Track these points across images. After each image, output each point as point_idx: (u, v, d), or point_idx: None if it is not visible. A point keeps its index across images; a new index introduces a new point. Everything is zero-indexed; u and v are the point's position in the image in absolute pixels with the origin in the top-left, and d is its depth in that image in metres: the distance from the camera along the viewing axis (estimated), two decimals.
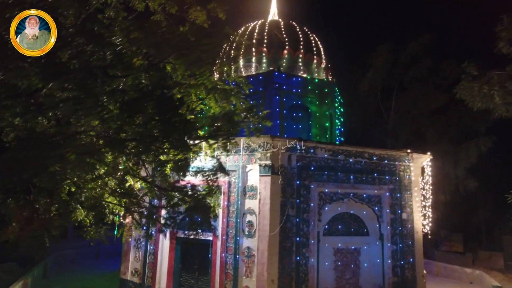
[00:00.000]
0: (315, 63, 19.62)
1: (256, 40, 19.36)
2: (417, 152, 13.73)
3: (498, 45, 9.87)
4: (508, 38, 9.64)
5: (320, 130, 17.89)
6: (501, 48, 9.85)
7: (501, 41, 9.77)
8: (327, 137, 18.04)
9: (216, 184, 12.66)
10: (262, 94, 17.70)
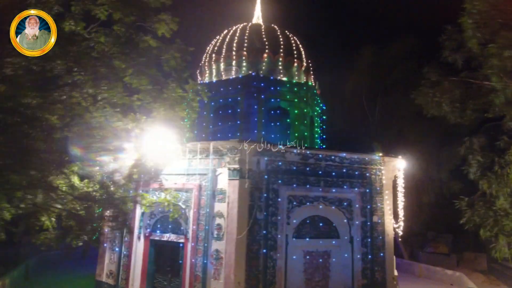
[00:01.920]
0: (295, 66, 19.77)
1: (237, 44, 19.52)
2: (389, 155, 13.86)
3: (444, 54, 10.03)
4: (451, 47, 9.80)
5: (299, 133, 18.03)
6: (447, 57, 10.02)
7: (446, 50, 9.94)
8: (307, 140, 18.19)
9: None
10: (241, 97, 17.85)
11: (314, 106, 20.07)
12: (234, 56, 19.32)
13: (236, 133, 17.43)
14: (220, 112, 18.41)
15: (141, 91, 8.71)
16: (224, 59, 19.62)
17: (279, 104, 18.27)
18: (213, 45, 20.88)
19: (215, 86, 18.63)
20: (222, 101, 18.38)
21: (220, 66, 19.78)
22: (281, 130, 18.05)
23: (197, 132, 18.48)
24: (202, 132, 18.20)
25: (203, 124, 18.30)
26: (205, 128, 18.21)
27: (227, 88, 18.24)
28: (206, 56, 20.92)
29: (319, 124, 20.68)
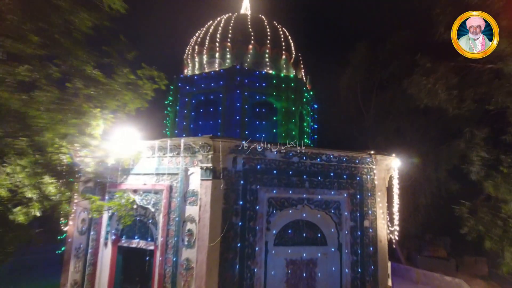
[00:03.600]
0: (283, 59, 18.50)
1: (220, 35, 18.25)
2: (381, 153, 12.57)
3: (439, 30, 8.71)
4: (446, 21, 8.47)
5: (286, 129, 16.77)
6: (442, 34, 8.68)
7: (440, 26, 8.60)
8: (295, 136, 16.94)
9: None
10: (224, 90, 16.57)
11: (305, 102, 18.81)
12: (217, 48, 18.05)
13: (217, 132, 16.17)
14: (201, 109, 17.14)
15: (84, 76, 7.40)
16: (207, 51, 18.36)
17: (265, 99, 17.00)
18: (197, 36, 19.61)
19: (196, 80, 17.38)
20: (203, 97, 17.11)
21: (203, 58, 18.51)
22: (268, 129, 16.79)
23: (178, 131, 17.21)
24: (183, 131, 16.91)
25: (184, 123, 17.01)
26: (185, 127, 16.92)
27: (208, 83, 16.98)
28: (189, 49, 19.64)
29: (309, 121, 19.41)
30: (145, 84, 8.25)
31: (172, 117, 17.99)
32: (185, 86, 17.49)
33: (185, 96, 17.34)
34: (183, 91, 17.51)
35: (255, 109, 16.63)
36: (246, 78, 16.57)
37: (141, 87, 8.10)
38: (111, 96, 7.85)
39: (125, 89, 7.75)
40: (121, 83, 7.61)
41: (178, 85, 17.96)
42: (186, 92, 17.36)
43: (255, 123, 16.62)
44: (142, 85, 8.17)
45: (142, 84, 8.19)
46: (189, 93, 17.27)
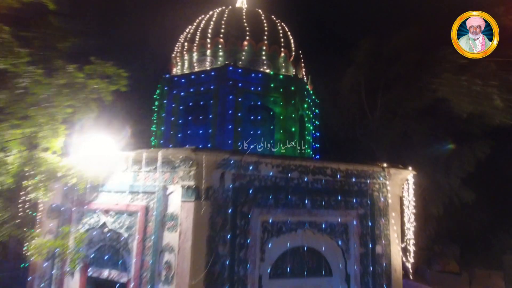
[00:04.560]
0: (282, 57, 16.64)
1: (212, 30, 16.40)
2: (395, 167, 10.75)
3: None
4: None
5: (285, 136, 14.89)
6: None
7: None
8: (295, 145, 15.11)
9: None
10: (215, 93, 14.69)
11: (306, 105, 16.95)
12: (208, 44, 16.18)
13: (207, 139, 14.34)
14: (190, 115, 15.27)
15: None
16: (197, 48, 16.48)
17: (261, 103, 15.10)
18: (187, 32, 17.75)
19: (184, 81, 15.50)
20: (193, 99, 15.20)
21: (192, 56, 16.64)
22: (264, 137, 14.89)
23: (163, 141, 15.34)
24: (169, 141, 15.04)
25: (170, 131, 15.13)
26: (172, 136, 15.04)
27: (198, 84, 15.07)
28: (178, 46, 17.77)
29: (311, 124, 17.57)
30: (99, 85, 6.44)
31: (159, 124, 16.16)
32: (171, 88, 15.64)
33: (172, 100, 15.49)
34: (170, 93, 15.67)
35: (250, 115, 14.79)
36: (240, 79, 14.72)
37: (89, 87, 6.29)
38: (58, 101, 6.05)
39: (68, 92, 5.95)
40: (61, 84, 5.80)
41: (164, 87, 16.11)
42: (173, 95, 15.51)
43: (250, 130, 14.76)
44: (90, 85, 6.37)
45: (94, 85, 6.39)
46: (176, 97, 15.42)
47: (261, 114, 14.81)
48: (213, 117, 14.29)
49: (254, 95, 14.96)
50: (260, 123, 14.68)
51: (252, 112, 14.80)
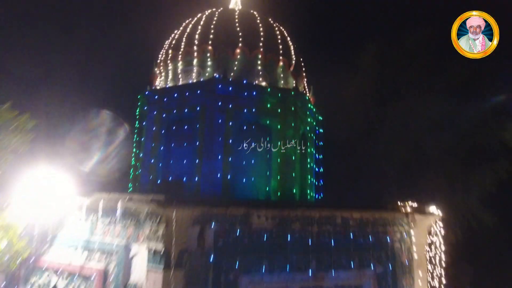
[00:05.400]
0: (280, 66, 14.48)
1: (200, 36, 14.25)
2: (421, 211, 8.63)
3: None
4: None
5: (284, 158, 12.75)
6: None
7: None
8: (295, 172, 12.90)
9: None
10: (201, 114, 12.50)
11: (306, 118, 14.83)
12: (195, 52, 14.02)
13: (192, 171, 12.18)
14: (173, 138, 13.12)
15: None
16: (183, 57, 14.33)
17: (256, 118, 12.97)
18: (172, 38, 15.60)
19: (166, 99, 13.34)
20: (176, 122, 13.04)
21: (177, 66, 14.48)
22: (259, 156, 12.80)
23: (144, 166, 13.18)
24: (149, 167, 12.89)
25: (150, 153, 12.98)
26: (152, 166, 12.89)
27: (182, 101, 12.89)
28: (162, 54, 15.61)
29: (313, 142, 15.43)
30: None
31: (139, 149, 14.04)
32: (152, 108, 13.54)
33: (153, 122, 13.39)
34: (150, 113, 13.56)
35: (243, 138, 12.62)
36: (230, 95, 12.63)
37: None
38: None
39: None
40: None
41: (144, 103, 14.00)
42: (154, 116, 13.40)
43: (242, 149, 12.61)
44: None
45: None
46: (157, 118, 13.31)
47: (255, 137, 12.63)
48: (199, 145, 12.11)
49: (247, 114, 12.78)
50: (255, 149, 12.52)
51: (246, 135, 12.62)
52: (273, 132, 12.94)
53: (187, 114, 12.77)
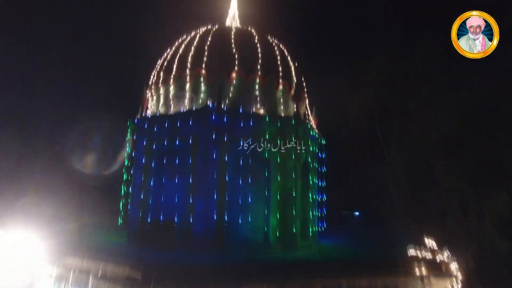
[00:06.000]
0: (280, 90, 13.39)
1: (192, 58, 13.21)
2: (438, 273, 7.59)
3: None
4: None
5: (285, 198, 11.59)
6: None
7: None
8: (296, 208, 11.79)
9: None
10: (194, 146, 11.46)
11: (308, 146, 13.75)
12: (188, 76, 13.00)
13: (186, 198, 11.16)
14: (165, 163, 12.12)
15: None
16: (175, 80, 13.30)
17: (252, 150, 11.94)
18: (163, 59, 14.57)
19: (158, 123, 12.37)
20: (167, 154, 12.04)
21: (169, 90, 13.48)
22: (257, 192, 11.77)
23: (131, 206, 12.23)
24: (138, 208, 11.91)
25: (140, 197, 11.99)
26: (142, 203, 11.93)
27: (173, 131, 11.88)
28: (154, 75, 14.60)
29: (315, 171, 14.38)
30: None
31: (128, 181, 13.13)
32: (141, 137, 12.62)
33: (142, 153, 12.50)
34: (139, 144, 12.62)
35: (239, 168, 11.63)
36: (225, 123, 11.61)
37: None
38: None
39: None
40: None
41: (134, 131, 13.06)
42: (143, 147, 12.47)
43: (238, 183, 11.62)
44: None
45: None
46: (147, 150, 12.39)
47: (253, 171, 11.66)
48: (193, 181, 11.08)
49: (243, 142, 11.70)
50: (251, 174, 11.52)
51: (242, 169, 11.60)
52: (272, 164, 11.92)
53: (178, 145, 11.77)
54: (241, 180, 11.34)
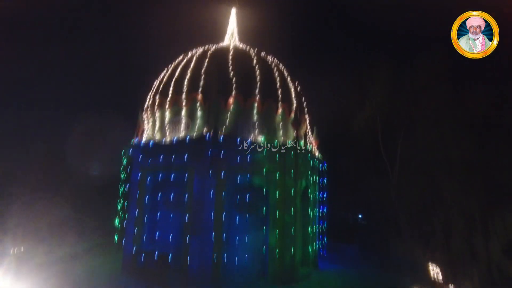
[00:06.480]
0: (280, 114, 12.89)
1: (189, 82, 12.73)
2: None
3: None
4: None
5: (284, 234, 11.04)
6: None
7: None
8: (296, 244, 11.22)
9: None
10: (189, 180, 10.96)
11: (309, 176, 13.23)
12: (183, 100, 12.53)
13: (182, 235, 10.68)
14: (160, 197, 11.68)
15: None
16: (171, 105, 12.84)
17: (250, 182, 11.43)
18: (160, 80, 14.10)
19: (153, 154, 11.91)
20: (162, 181, 11.61)
21: (165, 115, 13.02)
22: (255, 229, 11.27)
23: (126, 239, 11.80)
24: (132, 242, 11.49)
25: (134, 230, 11.55)
26: (136, 237, 11.52)
27: (169, 159, 11.46)
28: (150, 97, 14.12)
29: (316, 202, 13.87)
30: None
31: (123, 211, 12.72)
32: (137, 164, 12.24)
33: (137, 186, 12.15)
34: (135, 170, 12.22)
35: (236, 204, 11.17)
36: (222, 156, 11.12)
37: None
38: None
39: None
40: None
41: (128, 161, 12.64)
42: (138, 181, 12.07)
43: (236, 226, 11.16)
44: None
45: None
46: (141, 184, 12.00)
47: (251, 207, 11.21)
48: (189, 201, 10.61)
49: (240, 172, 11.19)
50: (248, 208, 11.05)
51: (240, 206, 11.16)
52: (270, 198, 11.45)
53: (174, 179, 11.31)
54: (238, 217, 10.86)
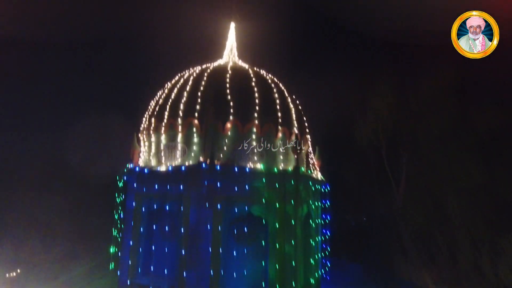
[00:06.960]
0: (279, 138, 12.38)
1: (185, 106, 12.27)
2: None
3: None
4: None
5: (284, 267, 10.52)
6: None
7: None
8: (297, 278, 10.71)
9: None
10: (185, 212, 10.48)
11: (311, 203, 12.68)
12: (179, 125, 12.07)
13: (178, 269, 10.17)
14: (156, 228, 11.19)
15: None
16: (166, 129, 12.39)
17: (249, 211, 10.91)
18: (156, 102, 13.64)
19: (148, 183, 11.42)
20: (157, 211, 11.15)
21: (160, 139, 12.55)
22: (253, 264, 10.72)
23: (121, 270, 11.27)
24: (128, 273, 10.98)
25: (129, 262, 11.05)
26: (131, 269, 11.00)
27: (164, 188, 10.98)
28: (146, 120, 13.67)
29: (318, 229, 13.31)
30: None
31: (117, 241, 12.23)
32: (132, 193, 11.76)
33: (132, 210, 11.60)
34: (129, 198, 11.73)
35: (233, 228, 10.69)
36: (219, 186, 10.61)
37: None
38: None
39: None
40: None
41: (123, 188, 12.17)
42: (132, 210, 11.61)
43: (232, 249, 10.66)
44: None
45: None
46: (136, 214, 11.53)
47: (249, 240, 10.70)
48: (184, 232, 10.13)
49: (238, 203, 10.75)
50: (248, 255, 10.52)
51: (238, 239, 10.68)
52: (270, 229, 10.93)
53: (169, 209, 10.83)
54: (236, 249, 10.32)
